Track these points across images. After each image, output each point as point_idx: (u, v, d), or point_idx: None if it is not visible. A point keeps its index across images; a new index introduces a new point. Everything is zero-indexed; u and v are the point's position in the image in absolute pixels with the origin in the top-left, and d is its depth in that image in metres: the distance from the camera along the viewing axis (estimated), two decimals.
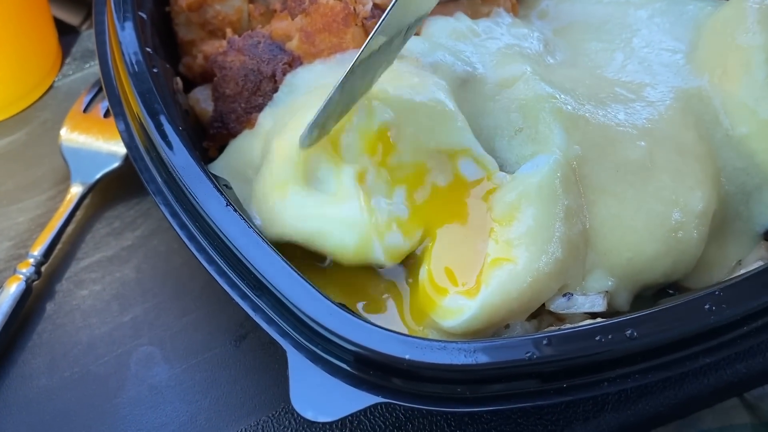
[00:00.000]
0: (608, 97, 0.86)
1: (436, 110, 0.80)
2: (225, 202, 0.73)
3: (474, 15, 0.92)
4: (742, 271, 0.82)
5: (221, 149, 0.96)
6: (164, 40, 1.02)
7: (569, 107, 0.81)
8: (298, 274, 0.69)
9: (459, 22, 0.90)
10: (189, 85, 1.04)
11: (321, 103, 0.74)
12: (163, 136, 0.79)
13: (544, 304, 0.77)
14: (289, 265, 0.70)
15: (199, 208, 0.74)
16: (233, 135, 0.94)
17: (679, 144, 0.83)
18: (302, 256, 0.79)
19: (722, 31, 0.88)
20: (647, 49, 0.94)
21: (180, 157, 0.77)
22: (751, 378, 0.90)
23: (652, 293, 0.86)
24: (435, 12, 0.91)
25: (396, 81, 0.82)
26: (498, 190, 0.78)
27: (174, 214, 0.77)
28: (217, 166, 0.92)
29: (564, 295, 0.76)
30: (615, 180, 0.79)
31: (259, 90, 0.93)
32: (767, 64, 0.83)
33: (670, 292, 0.87)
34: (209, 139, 0.96)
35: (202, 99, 1.00)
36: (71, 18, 1.32)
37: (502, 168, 0.82)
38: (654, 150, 0.81)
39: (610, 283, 0.79)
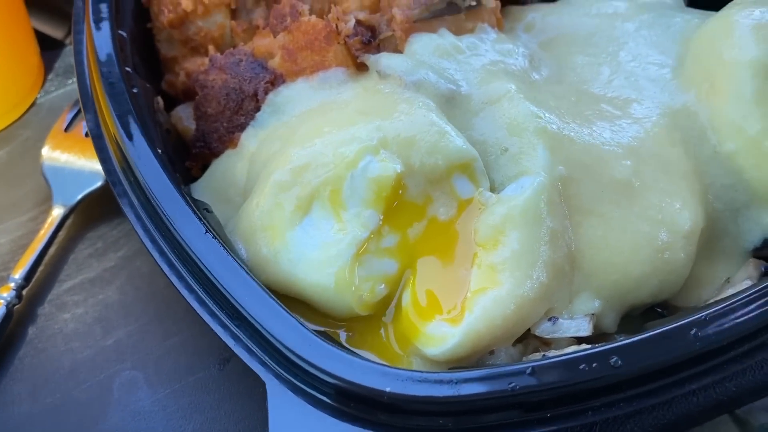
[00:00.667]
0: (594, 115, 0.85)
1: (433, 132, 0.79)
2: (204, 229, 0.72)
3: (458, 31, 0.91)
4: (730, 291, 0.81)
5: (205, 168, 0.95)
6: (146, 57, 1.01)
7: (554, 127, 0.80)
8: (277, 303, 0.68)
9: (442, 38, 0.89)
10: (172, 102, 1.03)
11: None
12: (141, 159, 0.78)
13: (529, 329, 0.76)
14: (268, 294, 0.69)
15: (177, 235, 0.73)
16: (216, 155, 0.93)
17: (665, 162, 0.82)
18: None
19: (709, 46, 0.87)
20: (634, 63, 0.93)
21: (157, 182, 0.76)
22: (741, 396, 0.88)
23: (640, 312, 0.85)
24: (418, 28, 0.90)
25: (387, 111, 0.81)
26: (483, 211, 0.77)
27: (153, 241, 0.75)
28: (199, 187, 0.91)
29: (549, 319, 0.75)
30: (600, 200, 0.78)
31: (241, 109, 0.92)
32: (754, 79, 0.82)
33: (659, 310, 0.86)
34: (192, 158, 0.95)
35: (185, 117, 0.99)
36: (54, 31, 1.31)
37: (492, 188, 0.81)
38: (640, 169, 0.80)
39: (596, 304, 0.78)
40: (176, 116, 0.99)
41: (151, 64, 1.03)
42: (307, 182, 0.78)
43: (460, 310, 0.72)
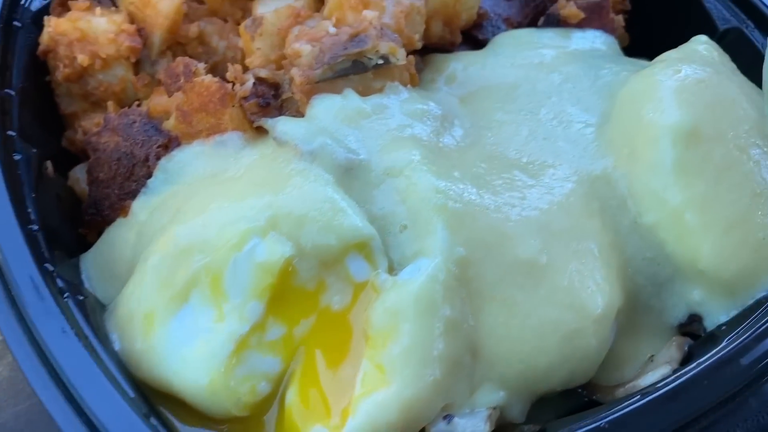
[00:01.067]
0: (504, 184, 0.79)
1: (327, 209, 0.73)
2: (63, 326, 0.66)
3: (365, 91, 0.85)
4: (649, 377, 0.75)
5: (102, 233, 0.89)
6: (42, 113, 0.95)
7: (455, 204, 0.74)
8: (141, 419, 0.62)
9: (346, 100, 0.83)
10: (74, 159, 0.97)
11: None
12: (4, 244, 0.71)
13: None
14: (128, 404, 0.63)
15: (35, 331, 0.67)
16: (108, 222, 0.87)
17: (579, 237, 0.76)
18: None
19: (631, 107, 0.81)
20: (555, 122, 0.87)
21: (19, 270, 0.70)
22: None
23: (557, 393, 0.79)
24: (321, 89, 0.84)
25: (280, 184, 0.75)
26: (377, 298, 0.71)
27: (12, 330, 0.69)
28: (88, 259, 0.85)
29: (444, 418, 0.69)
30: (503, 283, 0.72)
31: (133, 175, 0.85)
32: (675, 147, 0.76)
33: (579, 390, 0.81)
34: (85, 225, 0.89)
35: (83, 179, 0.93)
36: None
37: (391, 269, 0.75)
38: (549, 246, 0.74)
39: (501, 396, 0.72)
40: (74, 177, 0.93)
41: (50, 121, 0.96)
42: (187, 267, 0.72)
43: (342, 413, 0.66)
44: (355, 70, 0.84)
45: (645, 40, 1.14)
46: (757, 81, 0.96)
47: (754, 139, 0.77)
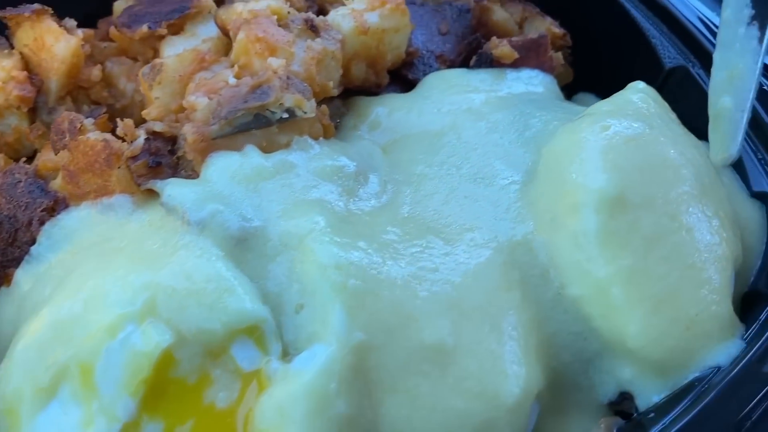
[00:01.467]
0: (417, 253, 0.72)
1: (212, 289, 0.66)
2: None
3: (269, 147, 0.77)
4: None
5: None
6: None
7: (357, 281, 0.66)
8: None
9: (246, 158, 0.75)
10: None
11: None
12: None
13: None
14: None
15: None
16: None
17: (494, 313, 0.69)
18: None
19: (555, 166, 0.74)
20: (477, 178, 0.80)
21: None
22: None
23: None
24: (219, 146, 0.77)
25: (163, 259, 0.68)
26: (265, 391, 0.64)
27: None
28: None
29: None
30: (407, 372, 0.65)
31: (16, 241, 0.78)
32: (599, 214, 0.69)
33: None
34: None
35: None
36: None
37: (285, 353, 0.68)
38: (460, 327, 0.67)
39: None
40: None
41: None
42: (56, 356, 0.64)
43: None
44: (258, 124, 0.77)
45: (594, 75, 1.08)
46: (703, 122, 0.90)
47: (689, 204, 0.70)
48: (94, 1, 1.03)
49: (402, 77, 0.98)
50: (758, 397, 0.66)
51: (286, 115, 0.77)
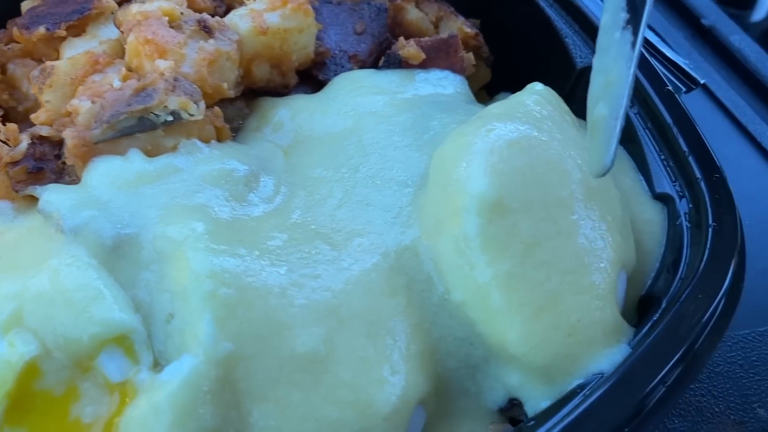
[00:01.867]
0: (301, 259, 0.70)
1: (80, 297, 0.64)
2: None
3: (155, 150, 0.76)
4: None
5: None
6: None
7: (229, 290, 0.65)
8: None
9: (128, 163, 0.74)
10: None
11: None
12: None
13: None
14: None
15: None
16: None
17: (375, 320, 0.68)
18: None
19: (441, 170, 0.73)
20: (373, 182, 0.78)
21: None
22: None
23: None
24: (101, 150, 0.75)
25: (34, 267, 0.66)
26: (131, 402, 0.63)
27: None
28: None
29: None
30: (278, 382, 0.64)
31: None
32: (479, 218, 0.68)
33: None
34: None
35: None
36: None
37: (156, 363, 0.66)
38: (336, 335, 0.66)
39: None
40: None
41: None
42: None
43: None
44: (142, 127, 0.76)
45: (513, 74, 1.07)
46: None
47: (572, 208, 0.69)
48: (6, 1, 1.01)
49: (313, 78, 0.97)
50: (637, 403, 0.65)
51: (171, 118, 0.76)
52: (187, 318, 0.65)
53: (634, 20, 0.65)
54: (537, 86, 0.81)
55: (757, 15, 1.69)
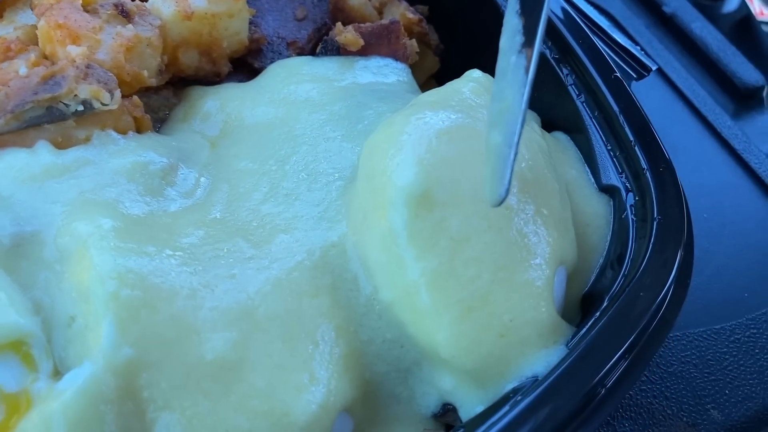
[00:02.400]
0: (216, 258, 0.66)
1: None
2: None
3: (66, 142, 0.71)
4: None
5: None
6: None
7: (133, 291, 0.60)
8: None
9: (34, 156, 0.69)
10: None
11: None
12: None
13: None
14: None
15: None
16: None
17: (293, 324, 0.63)
18: None
19: (370, 160, 0.68)
20: (302, 174, 0.74)
21: None
22: None
23: None
24: (7, 142, 0.70)
25: None
26: (26, 413, 0.58)
27: None
28: None
29: None
30: (184, 390, 0.59)
31: None
32: (405, 212, 0.63)
33: None
34: None
35: None
36: None
37: (56, 371, 0.61)
38: (249, 340, 0.61)
39: None
40: None
41: None
42: None
43: None
44: (51, 118, 0.71)
45: (464, 64, 1.02)
46: (560, 110, 0.86)
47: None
48: None
49: (248, 66, 0.92)
50: (573, 407, 0.61)
51: (81, 108, 0.71)
52: (89, 321, 0.60)
53: (528, 43, 0.61)
54: (475, 73, 0.77)
55: (728, 6, 1.66)
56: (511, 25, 0.65)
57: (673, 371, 0.88)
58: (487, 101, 0.73)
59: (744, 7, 1.62)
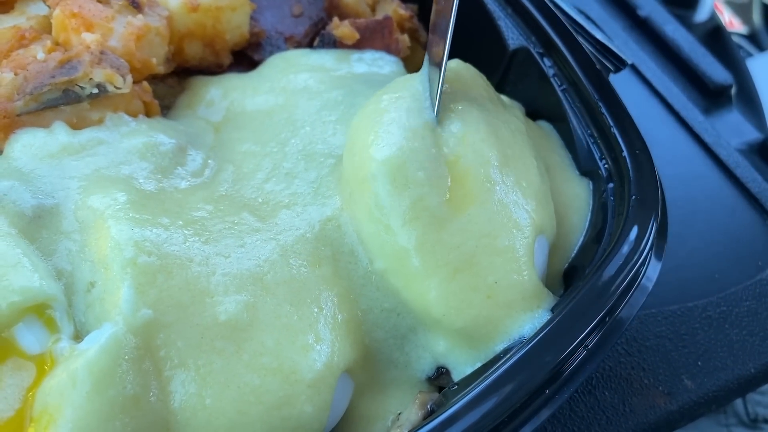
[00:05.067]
0: (226, 230, 0.70)
1: None
2: None
3: (80, 123, 0.75)
4: None
5: None
6: None
7: (149, 258, 0.64)
8: None
9: (52, 136, 0.73)
10: None
11: None
12: None
13: None
14: None
15: None
16: None
17: (299, 289, 0.68)
18: None
19: (355, 139, 0.73)
20: (301, 155, 0.79)
21: None
22: None
23: None
24: (25, 122, 0.74)
25: None
26: (49, 372, 0.62)
27: None
28: None
29: None
30: (198, 349, 0.63)
31: None
32: (386, 183, 0.68)
33: None
34: None
35: None
36: None
37: (78, 335, 0.65)
38: (259, 302, 0.66)
39: None
40: None
41: None
42: None
43: None
44: (67, 100, 0.75)
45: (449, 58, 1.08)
46: (543, 102, 0.91)
47: None
48: None
49: (248, 58, 0.97)
50: (556, 365, 0.66)
51: (96, 91, 0.75)
52: (108, 286, 0.64)
53: None
54: (451, 63, 0.83)
55: (700, 16, 1.74)
56: None
57: (650, 345, 0.93)
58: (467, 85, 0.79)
59: (715, 17, 1.71)
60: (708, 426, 1.16)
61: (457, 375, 0.73)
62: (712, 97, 1.27)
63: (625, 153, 0.82)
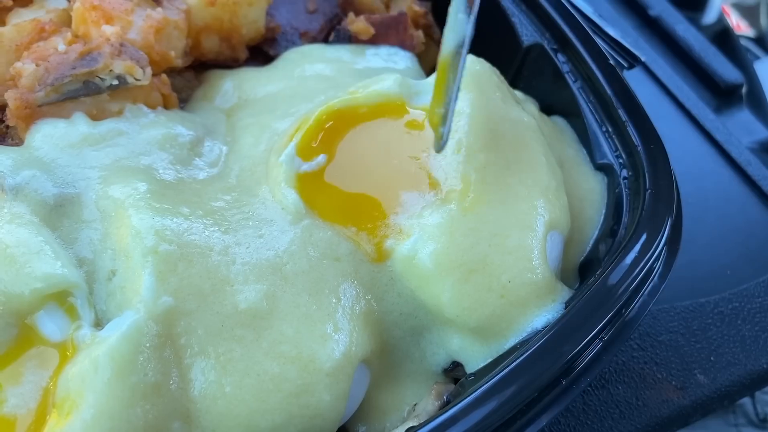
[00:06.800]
0: (244, 219, 0.71)
1: (20, 254, 0.63)
2: None
3: (100, 114, 0.76)
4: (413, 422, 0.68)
5: None
6: None
7: (170, 246, 0.65)
8: None
9: (72, 126, 0.74)
10: None
11: None
12: None
13: None
14: None
15: None
16: None
17: (318, 280, 0.68)
18: None
19: None
20: None
21: None
22: None
23: None
24: (46, 113, 0.75)
25: None
26: (71, 358, 0.62)
27: None
28: None
29: None
30: (219, 337, 0.64)
31: None
32: None
33: None
34: None
35: None
36: None
37: (98, 322, 0.66)
38: (278, 292, 0.66)
39: None
40: None
41: None
42: None
43: None
44: (87, 91, 0.75)
45: None
46: (557, 98, 0.92)
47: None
48: None
49: (263, 53, 0.98)
50: (571, 357, 0.66)
51: (116, 82, 0.76)
52: (129, 274, 0.65)
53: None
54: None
55: (708, 18, 1.74)
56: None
57: (663, 340, 0.94)
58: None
59: (722, 19, 1.71)
60: (717, 426, 1.16)
61: (471, 369, 0.73)
62: (723, 96, 1.27)
63: (639, 147, 0.82)
